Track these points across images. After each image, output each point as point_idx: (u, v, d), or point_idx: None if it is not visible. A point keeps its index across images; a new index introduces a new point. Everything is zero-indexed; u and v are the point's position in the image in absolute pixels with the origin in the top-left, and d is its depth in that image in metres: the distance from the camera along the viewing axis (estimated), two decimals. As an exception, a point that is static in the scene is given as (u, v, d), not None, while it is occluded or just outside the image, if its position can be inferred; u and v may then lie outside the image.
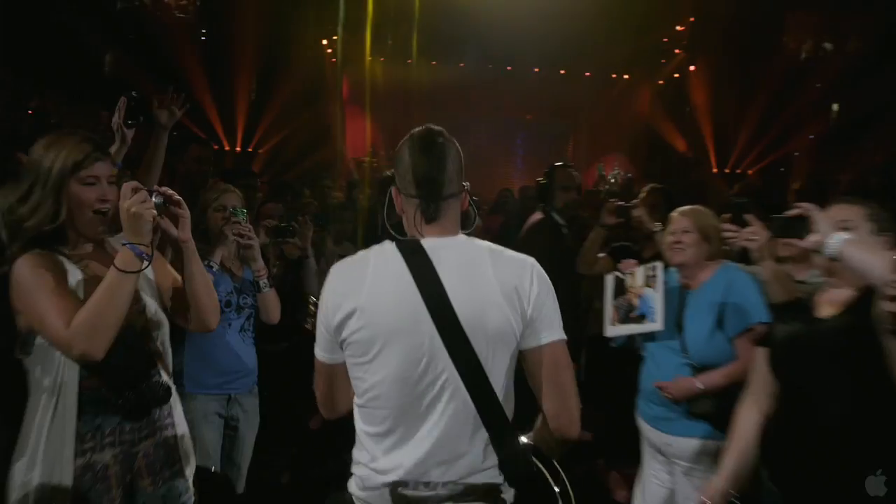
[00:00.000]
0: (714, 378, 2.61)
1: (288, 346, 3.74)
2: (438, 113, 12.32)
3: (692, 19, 11.88)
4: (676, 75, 12.78)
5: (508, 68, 12.55)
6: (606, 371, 3.92)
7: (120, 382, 1.83)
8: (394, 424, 1.55)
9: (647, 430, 2.82)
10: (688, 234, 2.81)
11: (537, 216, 4.14)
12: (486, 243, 1.61)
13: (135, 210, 1.75)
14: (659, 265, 2.87)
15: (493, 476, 1.55)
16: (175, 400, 2.01)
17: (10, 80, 8.55)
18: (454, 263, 1.55)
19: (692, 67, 12.33)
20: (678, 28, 12.05)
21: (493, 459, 1.54)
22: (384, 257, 1.57)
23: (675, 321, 2.76)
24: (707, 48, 11.65)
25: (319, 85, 12.01)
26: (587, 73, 13.15)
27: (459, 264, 1.55)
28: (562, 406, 1.55)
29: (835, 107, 11.25)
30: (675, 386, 2.66)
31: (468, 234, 1.64)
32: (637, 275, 2.90)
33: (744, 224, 2.47)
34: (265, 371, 3.10)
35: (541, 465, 1.57)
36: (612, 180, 11.40)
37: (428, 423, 1.53)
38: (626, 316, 2.86)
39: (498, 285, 1.52)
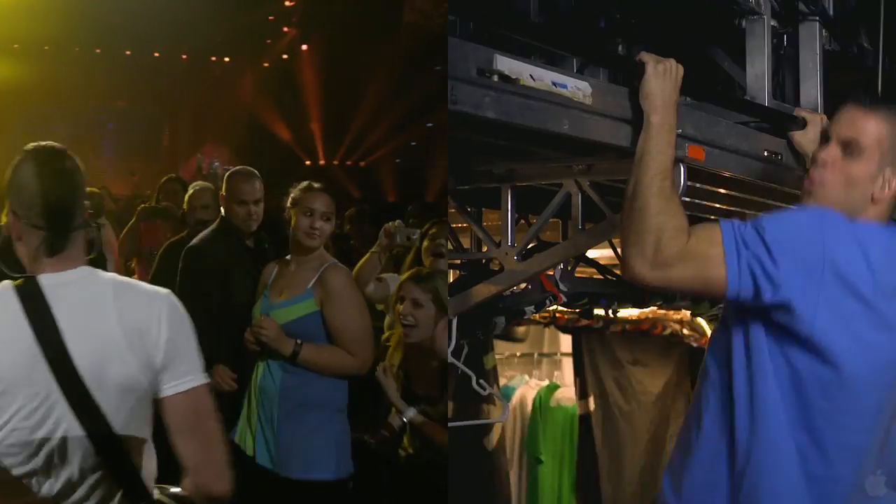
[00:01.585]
0: None
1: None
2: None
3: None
4: (285, 56, 12.14)
5: (97, 51, 10.77)
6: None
7: None
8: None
9: None
10: None
11: None
12: (113, 276, 1.48)
13: None
14: None
15: None
16: None
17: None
18: (75, 303, 1.39)
19: (305, 46, 11.66)
20: (287, 3, 11.18)
21: None
22: (1, 300, 1.39)
23: None
24: (324, 23, 10.93)
25: None
26: (184, 56, 11.83)
27: (80, 303, 1.39)
28: (207, 458, 1.42)
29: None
30: None
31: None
32: None
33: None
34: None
35: None
36: (210, 173, 10.40)
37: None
38: None
39: (120, 328, 1.38)
